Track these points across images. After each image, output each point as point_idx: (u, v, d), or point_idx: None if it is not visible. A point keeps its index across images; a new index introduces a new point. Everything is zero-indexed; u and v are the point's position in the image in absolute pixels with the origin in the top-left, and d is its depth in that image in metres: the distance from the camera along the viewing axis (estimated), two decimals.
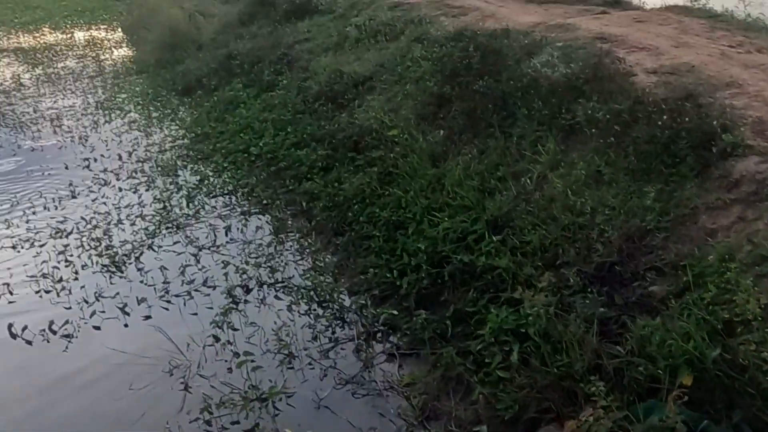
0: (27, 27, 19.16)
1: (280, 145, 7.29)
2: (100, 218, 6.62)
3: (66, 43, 16.36)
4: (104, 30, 17.45)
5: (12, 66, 14.43)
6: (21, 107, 11.02)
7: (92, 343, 4.84)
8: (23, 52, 15.78)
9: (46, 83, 12.45)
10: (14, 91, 12.13)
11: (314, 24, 10.19)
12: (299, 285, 5.17)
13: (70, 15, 20.32)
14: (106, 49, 15.03)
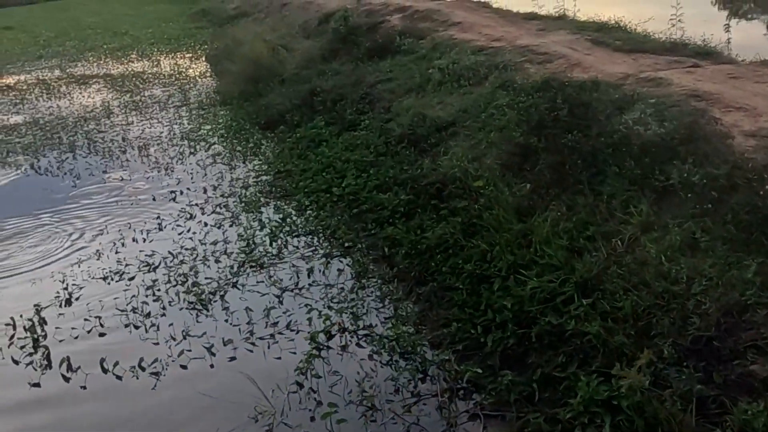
0: (115, 53, 19.94)
1: (363, 186, 7.37)
2: (187, 254, 6.81)
3: (152, 70, 16.95)
4: (188, 58, 17.99)
5: (101, 92, 15.06)
6: (110, 135, 11.46)
7: (179, 383, 4.97)
8: (112, 78, 16.44)
9: (133, 111, 12.92)
10: (104, 118, 12.64)
11: (396, 64, 10.29)
12: (381, 334, 5.20)
13: (156, 42, 21.05)
14: (191, 79, 15.49)
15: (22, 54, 21.51)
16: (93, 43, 22.26)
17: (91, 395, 4.95)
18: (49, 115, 13.23)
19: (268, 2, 21.71)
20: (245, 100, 12.16)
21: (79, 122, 12.42)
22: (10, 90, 16.17)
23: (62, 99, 14.68)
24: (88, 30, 25.17)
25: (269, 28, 16.93)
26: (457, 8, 12.56)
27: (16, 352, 5.48)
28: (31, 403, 4.98)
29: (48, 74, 17.80)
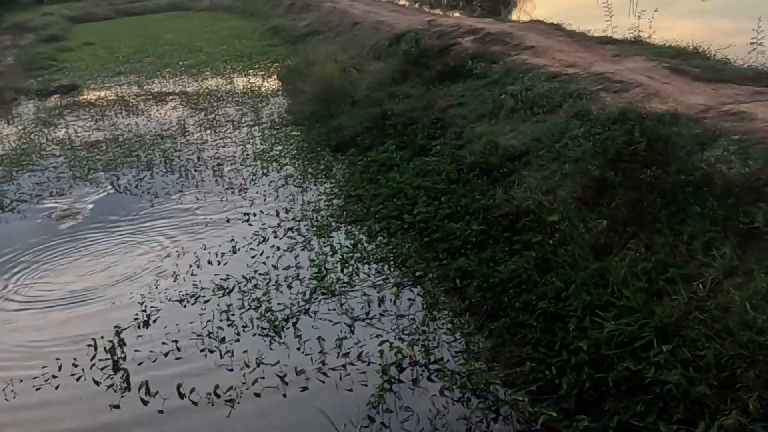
0: (190, 70, 20.47)
1: (434, 214, 7.38)
2: (260, 278, 6.93)
3: (226, 88, 17.33)
4: (261, 76, 18.33)
5: (177, 110, 15.46)
6: (186, 153, 11.77)
7: (253, 413, 5.06)
8: (187, 96, 16.87)
9: (207, 130, 13.23)
10: (179, 136, 12.98)
11: (468, 88, 10.27)
12: (453, 369, 5.19)
13: (230, 59, 21.52)
14: (263, 97, 15.78)
15: (102, 70, 22.28)
16: (169, 59, 22.89)
17: (168, 420, 5.09)
18: (128, 132, 13.66)
19: (339, 21, 21.96)
20: (316, 120, 12.31)
21: (156, 140, 12.78)
22: (91, 106, 16.76)
23: (140, 116, 15.13)
24: (165, 46, 25.90)
25: (340, 47, 17.10)
26: (530, 31, 12.46)
27: (97, 373, 5.67)
28: (111, 425, 5.14)
29: (126, 90, 18.39)
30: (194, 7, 39.80)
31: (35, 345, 6.26)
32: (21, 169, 11.87)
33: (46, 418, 5.29)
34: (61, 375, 5.71)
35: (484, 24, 14.00)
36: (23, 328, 6.60)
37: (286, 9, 29.16)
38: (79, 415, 5.30)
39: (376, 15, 20.31)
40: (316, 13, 25.22)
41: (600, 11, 12.15)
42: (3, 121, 16.41)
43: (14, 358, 6.09)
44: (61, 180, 10.98)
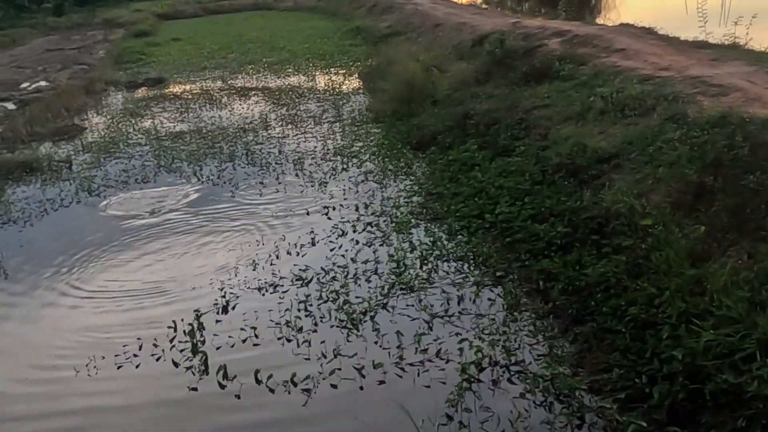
0: (273, 67, 20.74)
1: (516, 215, 7.20)
2: (339, 270, 6.89)
3: (307, 85, 17.47)
4: (342, 75, 18.42)
5: (260, 104, 15.67)
6: (267, 147, 11.87)
7: (330, 403, 5.00)
8: (269, 91, 17.09)
9: (289, 124, 13.33)
10: (261, 129, 13.12)
11: (554, 90, 10.03)
12: (535, 372, 5.01)
13: (312, 57, 21.71)
14: (344, 95, 15.83)
15: (188, 65, 22.81)
16: (253, 56, 23.27)
17: (245, 405, 5.08)
18: (211, 125, 13.90)
19: (421, 22, 21.91)
20: (397, 119, 12.25)
21: (239, 133, 12.95)
22: (177, 99, 17.16)
23: (223, 109, 15.39)
24: (249, 44, 26.35)
25: (422, 48, 17.04)
26: (620, 34, 12.11)
27: (176, 355, 5.71)
28: (189, 407, 5.17)
29: (211, 85, 18.75)
30: (278, 7, 40.42)
31: (116, 324, 6.36)
32: (109, 156, 12.20)
33: (125, 395, 5.35)
34: (142, 354, 5.79)
35: (571, 26, 13.71)
36: (106, 307, 6.72)
37: (368, 10, 29.28)
38: (158, 394, 5.34)
39: (458, 17, 20.17)
40: (398, 14, 25.23)
41: (688, 20, 11.80)
42: (93, 110, 16.96)
43: (96, 335, 6.20)
44: (146, 168, 11.22)
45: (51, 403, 5.40)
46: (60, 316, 6.66)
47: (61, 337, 6.27)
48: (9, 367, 5.89)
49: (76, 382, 5.54)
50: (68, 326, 6.45)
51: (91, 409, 5.28)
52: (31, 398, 5.48)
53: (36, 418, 5.25)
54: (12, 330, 6.53)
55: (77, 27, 42.00)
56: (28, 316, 6.74)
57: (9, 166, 11.62)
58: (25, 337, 6.36)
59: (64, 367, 5.74)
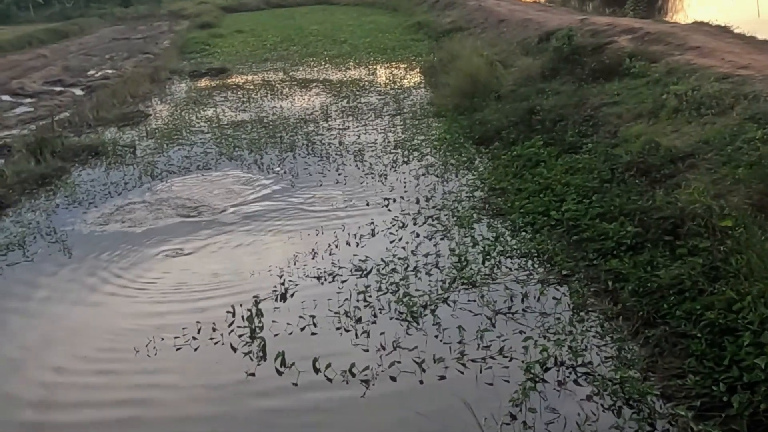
0: (334, 60, 20.75)
1: (584, 213, 6.97)
2: (399, 263, 6.76)
3: (368, 78, 17.41)
4: (403, 69, 18.30)
5: (320, 96, 15.67)
6: (327, 138, 11.83)
7: (388, 395, 4.89)
8: (330, 83, 17.09)
9: (350, 117, 13.28)
10: (322, 121, 13.10)
11: (624, 87, 9.73)
12: (603, 375, 4.81)
13: (373, 51, 21.66)
14: (405, 89, 15.71)
15: (251, 56, 23.01)
16: (314, 49, 23.34)
17: (302, 393, 5.00)
18: (272, 115, 13.94)
19: (484, 18, 21.66)
20: (459, 113, 12.08)
21: (300, 124, 12.95)
22: (239, 89, 17.29)
23: (284, 100, 15.43)
24: (311, 37, 26.46)
25: (486, 43, 16.81)
26: (694, 32, 11.71)
27: (235, 340, 5.67)
28: (246, 392, 5.11)
29: (272, 76, 18.85)
30: (339, 1, 40.55)
31: (175, 308, 6.37)
32: (172, 143, 12.32)
33: (182, 377, 5.33)
34: (200, 338, 5.76)
35: (642, 24, 13.32)
36: (166, 291, 6.74)
37: (430, 6, 29.12)
38: (215, 378, 5.30)
39: (523, 13, 19.88)
40: (461, 10, 25.01)
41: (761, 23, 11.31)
42: (157, 98, 17.21)
43: (156, 318, 6.21)
44: (208, 155, 11.29)
45: (110, 379, 5.42)
46: (120, 298, 6.69)
47: (122, 318, 6.30)
48: (70, 345, 5.94)
49: (135, 361, 5.54)
50: (128, 308, 6.48)
51: (149, 387, 5.26)
52: (91, 374, 5.50)
53: (94, 394, 5.26)
54: (73, 309, 6.58)
55: (143, 17, 42.94)
56: (90, 297, 6.78)
57: (75, 149, 11.84)
58: (87, 317, 6.41)
59: (123, 348, 5.74)
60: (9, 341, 6.12)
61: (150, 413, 5.02)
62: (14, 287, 7.06)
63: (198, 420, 4.89)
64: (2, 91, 19.47)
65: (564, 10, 22.52)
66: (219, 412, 4.94)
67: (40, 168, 10.73)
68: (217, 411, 4.95)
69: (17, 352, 5.93)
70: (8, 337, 6.19)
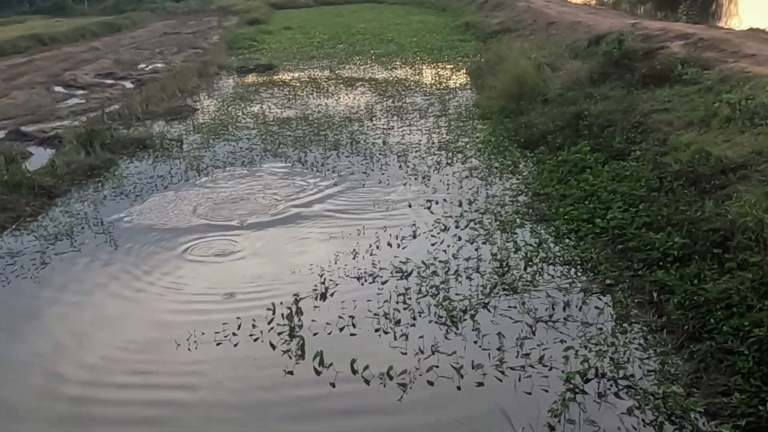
0: (380, 59, 20.76)
1: (630, 222, 6.85)
2: (439, 266, 6.73)
3: (414, 78, 17.38)
4: (449, 70, 18.23)
5: (366, 95, 15.69)
6: (371, 137, 11.84)
7: (425, 400, 4.87)
8: (376, 83, 17.09)
9: (394, 116, 13.26)
10: (366, 120, 13.11)
11: (676, 94, 9.52)
12: (645, 388, 4.72)
13: (419, 51, 21.62)
14: (450, 90, 15.64)
15: (298, 53, 23.15)
16: (361, 47, 23.39)
17: (339, 394, 5.00)
18: (318, 113, 14.00)
19: (533, 20, 21.44)
20: (505, 116, 11.98)
21: (344, 122, 12.98)
22: (285, 86, 17.40)
23: (330, 98, 15.48)
24: (358, 35, 26.53)
25: (534, 45, 16.63)
26: (750, 39, 11.42)
27: (274, 338, 5.71)
28: (284, 390, 5.14)
29: (319, 74, 18.94)
30: (387, 0, 40.54)
31: (217, 302, 6.43)
32: (218, 138, 12.46)
33: (222, 372, 5.37)
34: (240, 333, 5.81)
35: (695, 29, 13.02)
36: (208, 285, 6.81)
37: (479, 6, 28.94)
38: (254, 375, 5.34)
39: (572, 16, 19.61)
40: (509, 11, 24.80)
41: None
42: (205, 92, 17.42)
43: (197, 312, 6.28)
44: (253, 151, 11.38)
45: (149, 368, 5.50)
46: (163, 290, 6.77)
47: (164, 310, 6.39)
48: (113, 333, 6.04)
49: (175, 354, 5.61)
50: (171, 300, 6.56)
51: (187, 378, 5.33)
52: (132, 362, 5.60)
53: (133, 383, 5.34)
54: (117, 299, 6.68)
55: (193, 12, 43.55)
56: (133, 288, 6.88)
57: (124, 142, 12.04)
58: (129, 308, 6.51)
59: (164, 340, 5.83)
60: (56, 326, 6.27)
61: (186, 404, 5.07)
62: (62, 276, 7.20)
63: (234, 415, 4.91)
64: (56, 83, 19.92)
65: (614, 14, 22.15)
66: (255, 409, 4.97)
67: (90, 159, 10.94)
68: (253, 408, 4.98)
69: (64, 337, 6.07)
70: (55, 323, 6.34)
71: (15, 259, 7.57)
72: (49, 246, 7.89)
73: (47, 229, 8.37)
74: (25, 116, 15.36)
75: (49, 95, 18.13)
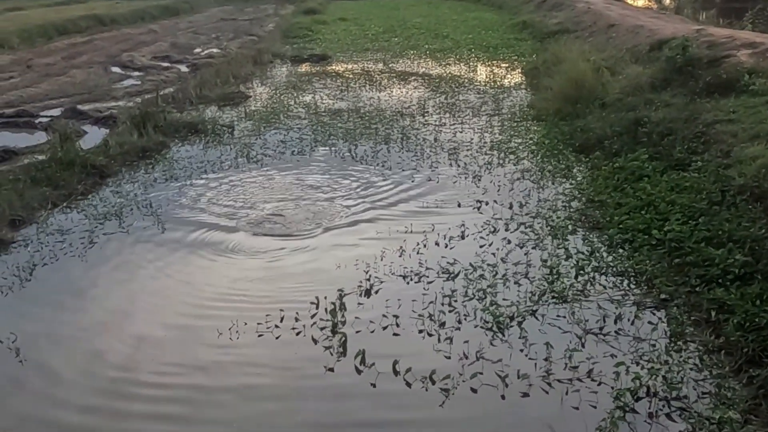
0: (435, 55, 20.58)
1: (689, 235, 6.58)
2: (487, 269, 6.57)
3: (468, 75, 17.18)
4: (504, 68, 17.97)
5: (418, 90, 15.55)
6: (423, 133, 11.70)
7: (468, 407, 4.72)
8: (429, 78, 16.94)
9: (447, 113, 13.10)
10: (418, 115, 12.98)
11: (741, 104, 9.18)
12: (699, 412, 4.51)
13: (475, 48, 21.37)
14: (505, 89, 15.40)
15: (352, 45, 23.10)
16: (415, 42, 23.23)
17: (380, 395, 4.89)
18: (369, 106, 13.91)
19: (593, 21, 21.00)
20: (560, 119, 11.72)
21: (396, 117, 12.87)
22: (338, 77, 17.37)
23: (382, 92, 15.38)
24: (413, 29, 26.36)
25: (593, 47, 16.28)
26: None
27: (317, 333, 5.63)
28: (324, 386, 5.05)
29: (372, 66, 18.86)
30: None
31: (261, 292, 6.38)
32: (269, 126, 12.46)
33: (263, 364, 5.32)
34: (283, 326, 5.74)
35: (765, 38, 12.55)
36: (252, 275, 6.77)
37: (537, 5, 28.48)
38: (294, 368, 5.27)
39: (634, 19, 19.14)
40: (569, 11, 24.34)
41: None
42: (258, 80, 17.48)
43: (241, 301, 6.23)
44: (303, 141, 11.34)
45: (188, 354, 5.47)
46: (207, 277, 6.77)
47: (207, 297, 6.35)
48: (155, 316, 6.05)
49: (216, 341, 5.56)
50: (214, 288, 6.52)
51: (226, 367, 5.29)
52: (172, 347, 5.61)
53: (172, 365, 5.33)
54: (161, 283, 6.69)
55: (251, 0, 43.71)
56: (178, 273, 6.88)
57: (177, 125, 12.11)
58: (173, 292, 6.51)
59: (205, 327, 5.80)
60: (101, 305, 6.30)
61: (221, 390, 5.02)
62: (109, 256, 7.23)
63: (269, 407, 4.85)
64: (113, 63, 20.21)
65: (677, 19, 21.62)
66: (294, 403, 4.89)
67: (142, 141, 11.01)
68: (292, 402, 4.91)
69: (108, 315, 6.12)
70: (101, 301, 6.37)
71: (64, 237, 7.63)
72: (97, 225, 7.95)
73: (97, 209, 8.43)
74: (81, 95, 15.60)
75: (106, 75, 18.39)
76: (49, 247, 7.38)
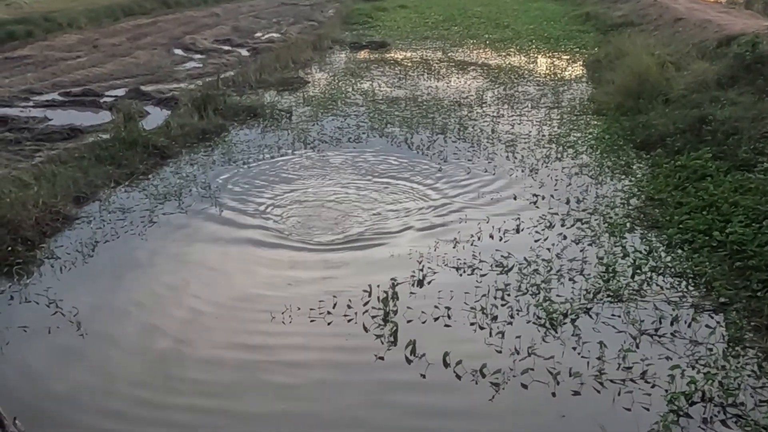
0: (495, 45, 20.39)
1: (752, 238, 6.41)
2: (542, 264, 6.51)
3: (528, 67, 16.99)
4: (566, 60, 17.70)
5: (477, 80, 15.45)
6: (480, 124, 11.62)
7: (518, 402, 4.71)
8: (488, 68, 16.81)
9: (505, 104, 13.00)
10: (476, 106, 12.90)
11: None
12: (756, 420, 4.40)
13: (536, 39, 21.11)
14: (565, 81, 15.19)
15: (411, 32, 23.04)
16: (475, 31, 23.06)
17: (429, 386, 4.91)
18: (427, 95, 13.88)
19: (659, 14, 20.52)
20: (622, 113, 11.51)
21: (453, 106, 12.82)
22: (396, 64, 17.36)
23: (440, 81, 15.33)
24: (473, 18, 26.17)
25: (658, 41, 15.92)
26: None
27: (368, 321, 5.66)
28: (373, 375, 5.08)
29: (431, 55, 18.79)
30: None
31: (315, 278, 6.44)
32: (326, 112, 12.53)
33: (313, 349, 5.37)
34: (335, 313, 5.79)
35: None
36: (307, 261, 6.84)
37: None
38: (344, 355, 5.32)
39: (702, 13, 18.64)
40: (634, 3, 23.85)
41: None
42: (317, 66, 17.58)
43: (294, 286, 6.30)
44: (360, 129, 11.38)
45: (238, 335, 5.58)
46: (262, 260, 6.86)
47: (261, 282, 6.43)
48: (209, 295, 6.17)
49: (268, 325, 5.64)
50: (269, 272, 6.61)
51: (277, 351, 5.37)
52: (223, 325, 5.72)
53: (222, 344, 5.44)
54: (217, 264, 6.81)
55: None
56: (234, 256, 7.00)
57: (236, 109, 12.27)
58: (228, 275, 6.62)
59: (260, 310, 5.87)
60: (156, 282, 6.48)
61: (272, 374, 5.09)
62: (167, 235, 7.39)
63: (315, 394, 4.88)
64: (176, 45, 20.53)
65: (747, 14, 20.91)
66: (345, 392, 4.93)
67: (202, 123, 11.20)
68: (342, 391, 4.94)
69: (163, 289, 6.33)
70: (156, 279, 6.54)
71: (125, 215, 7.81)
72: (158, 205, 8.12)
73: (157, 189, 8.61)
74: (145, 76, 15.91)
75: (169, 57, 18.71)
76: (110, 224, 7.57)
